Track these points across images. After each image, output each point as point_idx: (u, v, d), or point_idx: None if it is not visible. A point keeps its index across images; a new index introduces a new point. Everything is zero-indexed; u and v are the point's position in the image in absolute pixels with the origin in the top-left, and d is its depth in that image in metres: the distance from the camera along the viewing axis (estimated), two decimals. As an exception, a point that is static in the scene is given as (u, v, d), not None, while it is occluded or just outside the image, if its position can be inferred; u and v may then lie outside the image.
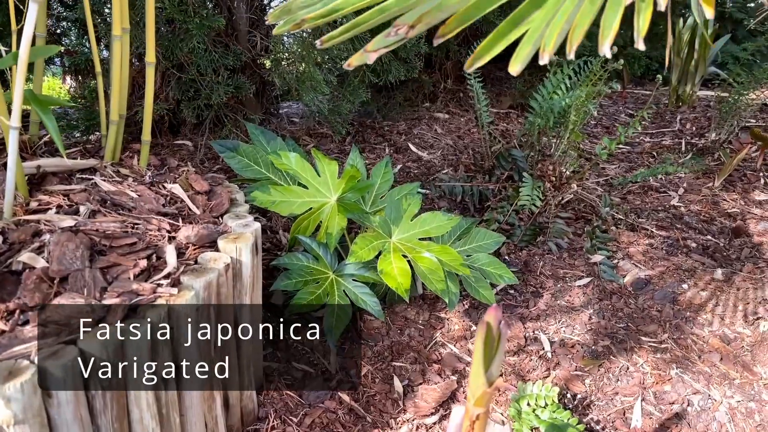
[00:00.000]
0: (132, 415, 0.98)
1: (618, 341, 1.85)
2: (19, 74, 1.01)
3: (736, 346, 1.85)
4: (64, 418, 0.87)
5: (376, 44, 0.77)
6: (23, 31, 0.98)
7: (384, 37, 0.77)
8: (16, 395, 0.80)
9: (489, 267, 1.90)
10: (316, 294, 1.66)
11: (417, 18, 0.78)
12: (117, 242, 1.12)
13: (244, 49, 2.54)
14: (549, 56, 0.66)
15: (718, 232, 2.51)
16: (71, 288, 1.00)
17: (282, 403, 1.46)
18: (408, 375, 1.67)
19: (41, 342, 0.87)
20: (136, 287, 1.02)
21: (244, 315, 1.28)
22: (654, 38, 5.03)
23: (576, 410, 1.62)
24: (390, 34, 0.77)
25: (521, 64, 0.69)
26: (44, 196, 1.22)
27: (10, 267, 1.01)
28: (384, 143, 3.19)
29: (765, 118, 4.00)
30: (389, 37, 0.77)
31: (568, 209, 2.51)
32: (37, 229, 1.10)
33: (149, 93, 1.40)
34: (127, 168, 1.43)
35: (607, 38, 0.64)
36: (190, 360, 1.08)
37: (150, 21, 1.33)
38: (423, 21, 0.77)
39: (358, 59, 0.77)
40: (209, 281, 1.09)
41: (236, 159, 1.79)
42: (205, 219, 1.30)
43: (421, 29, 0.78)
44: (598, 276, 2.14)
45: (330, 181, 1.79)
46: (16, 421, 0.81)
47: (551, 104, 2.22)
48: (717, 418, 1.61)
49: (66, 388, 0.86)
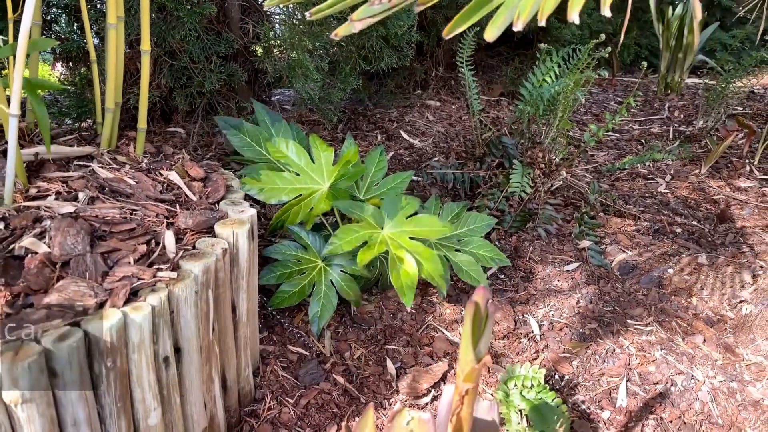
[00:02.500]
0: (134, 395, 1.01)
1: (605, 324, 1.90)
2: (18, 64, 1.02)
3: (719, 329, 1.90)
4: (70, 397, 0.90)
5: (361, 13, 0.79)
6: (22, 21, 0.99)
7: (368, 6, 0.79)
8: (24, 375, 0.83)
9: (481, 250, 1.93)
10: (301, 285, 1.68)
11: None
12: (116, 228, 1.14)
13: (236, 36, 2.55)
14: (523, 24, 0.70)
15: (703, 217, 2.56)
16: (73, 272, 1.02)
17: (278, 385, 1.49)
18: (401, 358, 1.71)
19: (46, 324, 0.90)
20: (136, 271, 1.05)
21: (240, 299, 1.31)
22: (644, 26, 5.06)
23: (563, 391, 1.67)
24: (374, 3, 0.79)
25: (498, 30, 0.72)
26: (43, 183, 1.24)
27: (12, 252, 1.03)
28: (376, 130, 3.21)
29: (752, 106, 4.06)
30: (374, 6, 0.79)
31: (557, 196, 2.55)
32: (37, 215, 1.12)
33: (144, 81, 1.42)
34: (123, 155, 1.44)
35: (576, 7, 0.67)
36: (189, 342, 1.11)
37: (145, 9, 1.34)
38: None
39: (344, 29, 0.79)
40: (207, 266, 1.12)
41: (238, 137, 1.80)
42: (201, 205, 1.32)
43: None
44: (586, 261, 2.18)
45: (324, 167, 1.81)
46: (23, 400, 0.84)
47: (540, 92, 2.25)
48: (700, 397, 1.66)
49: (71, 369, 0.89)
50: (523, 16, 0.72)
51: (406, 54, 2.91)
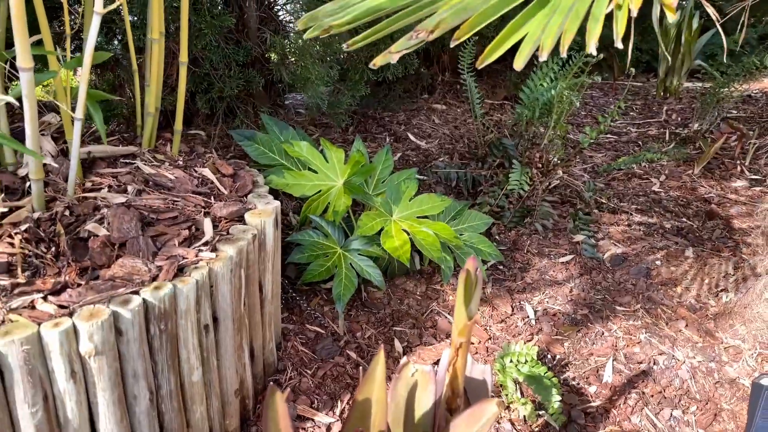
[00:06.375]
0: (181, 355, 1.20)
1: (595, 310, 2.07)
2: (84, 74, 1.21)
3: (701, 315, 2.07)
4: (132, 353, 1.09)
5: (399, 46, 0.96)
6: (88, 40, 1.18)
7: (406, 41, 0.96)
8: (97, 331, 1.01)
9: (479, 245, 2.12)
10: (326, 266, 1.88)
11: (435, 24, 0.97)
12: (162, 215, 1.33)
13: (254, 45, 2.74)
14: (547, 54, 0.87)
15: (693, 215, 2.72)
16: (129, 252, 1.21)
17: (298, 358, 1.67)
18: (407, 338, 1.89)
19: (112, 292, 1.09)
20: (181, 252, 1.24)
21: (266, 279, 1.49)
22: (644, 32, 5.22)
23: (555, 369, 1.84)
24: (412, 37, 0.96)
25: (524, 61, 0.89)
26: (96, 178, 1.43)
27: (78, 234, 1.22)
28: (384, 133, 3.39)
29: (746, 109, 4.21)
30: (411, 41, 0.96)
31: (554, 194, 2.72)
32: (95, 204, 1.31)
33: (181, 89, 1.61)
34: (161, 154, 1.63)
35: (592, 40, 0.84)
36: (225, 313, 1.29)
37: (184, 26, 1.53)
38: (440, 26, 0.96)
39: (382, 59, 0.96)
40: (241, 248, 1.30)
41: (253, 147, 1.99)
42: (232, 198, 1.51)
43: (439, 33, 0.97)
44: (580, 254, 2.35)
45: (337, 166, 2.00)
46: (97, 352, 1.03)
47: (537, 96, 2.42)
48: (680, 375, 1.83)
49: (133, 329, 1.07)
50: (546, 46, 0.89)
51: (412, 63, 3.09)
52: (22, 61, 1.07)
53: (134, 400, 1.13)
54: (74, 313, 1.02)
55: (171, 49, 2.41)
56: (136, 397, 1.13)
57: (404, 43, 0.95)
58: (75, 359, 1.01)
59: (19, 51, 1.06)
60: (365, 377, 0.90)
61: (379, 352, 0.90)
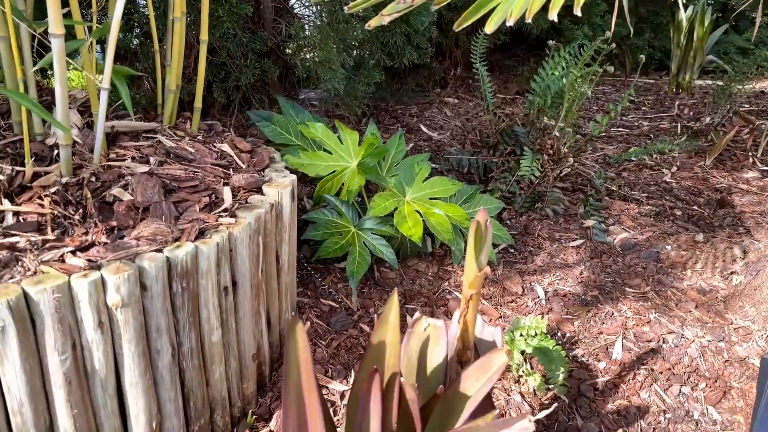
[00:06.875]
0: (201, 314, 1.24)
1: (605, 292, 2.09)
2: (110, 44, 1.26)
3: (711, 297, 2.08)
4: (155, 308, 1.13)
5: (390, 9, 1.05)
6: (115, 12, 1.23)
7: (396, 4, 1.04)
8: (123, 284, 1.06)
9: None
10: (340, 244, 1.92)
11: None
12: (184, 184, 1.37)
13: (269, 35, 2.79)
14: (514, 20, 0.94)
15: (704, 203, 2.74)
16: (152, 215, 1.26)
17: (312, 330, 1.72)
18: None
19: (137, 250, 1.13)
20: (202, 216, 1.28)
21: (283, 250, 1.53)
22: (657, 28, 5.22)
23: (565, 346, 1.87)
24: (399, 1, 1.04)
25: (495, 25, 0.98)
26: (120, 150, 1.48)
27: (104, 199, 1.27)
28: (397, 124, 3.43)
29: (759, 104, 4.20)
30: (400, 4, 1.04)
31: (566, 181, 2.75)
32: (120, 172, 1.36)
33: (202, 67, 1.66)
34: (181, 131, 1.68)
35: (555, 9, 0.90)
36: (243, 277, 1.33)
37: (205, 5, 1.58)
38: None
39: (376, 21, 1.05)
40: (259, 215, 1.34)
41: (270, 127, 2.04)
42: (250, 171, 1.55)
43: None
44: (590, 238, 2.38)
45: (351, 147, 2.04)
46: (123, 304, 1.07)
47: (548, 84, 2.45)
48: (689, 353, 1.85)
49: (157, 284, 1.12)
50: (514, 14, 0.97)
51: (426, 51, 3.14)
52: (55, 28, 1.12)
53: (157, 354, 1.17)
54: (102, 266, 1.07)
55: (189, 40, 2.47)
56: (159, 351, 1.17)
57: (394, 7, 1.02)
58: (102, 310, 1.06)
59: (51, 18, 1.11)
60: (379, 321, 0.94)
61: (393, 295, 0.94)
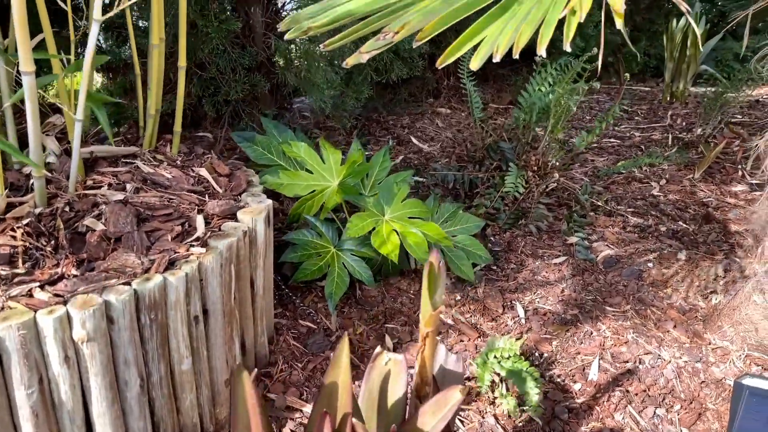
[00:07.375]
0: (171, 344, 1.26)
1: (585, 311, 2.11)
2: (84, 78, 1.28)
3: (690, 316, 2.10)
4: (123, 340, 1.15)
5: (368, 47, 1.03)
6: (88, 45, 1.26)
7: (374, 41, 1.03)
8: (89, 319, 1.08)
9: (470, 247, 2.17)
10: (318, 266, 1.94)
11: (400, 26, 1.04)
12: (157, 212, 1.40)
13: (259, 49, 2.82)
14: (500, 56, 0.93)
15: (689, 218, 2.75)
16: (124, 246, 1.28)
17: (289, 352, 1.74)
18: (398, 335, 1.94)
19: (105, 283, 1.15)
20: (173, 246, 1.30)
21: (258, 275, 1.55)
22: (652, 37, 5.22)
23: (542, 366, 1.88)
24: (379, 38, 1.03)
25: (480, 61, 0.96)
26: (97, 176, 1.51)
27: (77, 229, 1.29)
28: (388, 136, 3.45)
29: (752, 114, 4.20)
30: (379, 41, 1.03)
31: (551, 197, 2.76)
32: (94, 201, 1.38)
33: (180, 92, 1.68)
34: (161, 154, 1.71)
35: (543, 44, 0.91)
36: (214, 305, 1.35)
37: (182, 31, 1.60)
38: (405, 28, 1.02)
39: (354, 59, 1.03)
40: (231, 243, 1.37)
41: (252, 148, 2.06)
42: (226, 196, 1.57)
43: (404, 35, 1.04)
44: (573, 255, 2.39)
45: (333, 167, 2.06)
46: (89, 338, 1.09)
47: (534, 100, 2.47)
48: (665, 374, 1.86)
49: (124, 317, 1.14)
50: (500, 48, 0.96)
51: (417, 65, 3.15)
52: (24, 65, 1.14)
53: (125, 386, 1.20)
54: (68, 301, 1.09)
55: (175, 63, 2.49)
56: (127, 382, 1.20)
57: (373, 44, 1.01)
58: (68, 345, 1.08)
59: (21, 56, 1.14)
60: (331, 363, 0.96)
61: (343, 339, 0.96)
